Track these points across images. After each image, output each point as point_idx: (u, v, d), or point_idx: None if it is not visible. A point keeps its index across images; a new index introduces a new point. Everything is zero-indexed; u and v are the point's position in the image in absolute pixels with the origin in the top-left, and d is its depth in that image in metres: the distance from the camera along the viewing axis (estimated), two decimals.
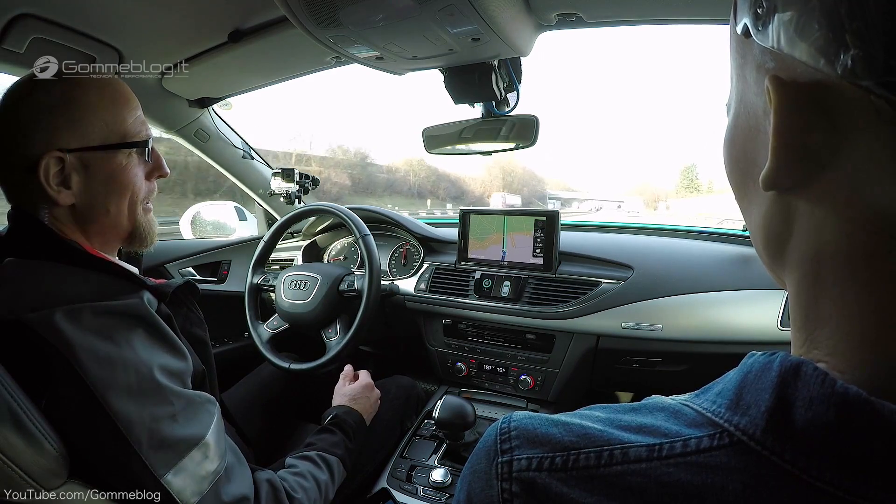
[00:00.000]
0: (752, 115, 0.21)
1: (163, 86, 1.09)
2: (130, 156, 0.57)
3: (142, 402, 0.48)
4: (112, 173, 0.56)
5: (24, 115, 0.52)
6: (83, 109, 0.54)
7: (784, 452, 0.17)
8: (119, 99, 0.57)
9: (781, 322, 0.88)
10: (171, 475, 0.48)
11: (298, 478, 0.67)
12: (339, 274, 1.12)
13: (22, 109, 0.52)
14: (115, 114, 0.56)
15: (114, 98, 0.56)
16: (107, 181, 0.56)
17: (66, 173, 0.53)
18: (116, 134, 0.56)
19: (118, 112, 0.56)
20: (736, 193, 0.24)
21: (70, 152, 0.53)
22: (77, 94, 0.54)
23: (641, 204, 76.53)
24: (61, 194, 0.53)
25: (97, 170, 0.55)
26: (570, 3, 0.72)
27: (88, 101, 0.54)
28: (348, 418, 0.85)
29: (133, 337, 0.50)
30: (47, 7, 0.74)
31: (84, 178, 0.54)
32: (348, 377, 1.00)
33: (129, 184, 0.58)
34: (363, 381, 0.98)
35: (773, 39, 0.18)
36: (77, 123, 0.53)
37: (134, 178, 0.58)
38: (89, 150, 0.54)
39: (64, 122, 0.53)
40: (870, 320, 0.17)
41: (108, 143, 0.55)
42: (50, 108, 0.53)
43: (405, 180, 62.33)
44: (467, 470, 0.25)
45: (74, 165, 0.53)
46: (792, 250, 0.21)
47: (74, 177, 0.54)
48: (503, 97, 0.91)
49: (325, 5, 0.63)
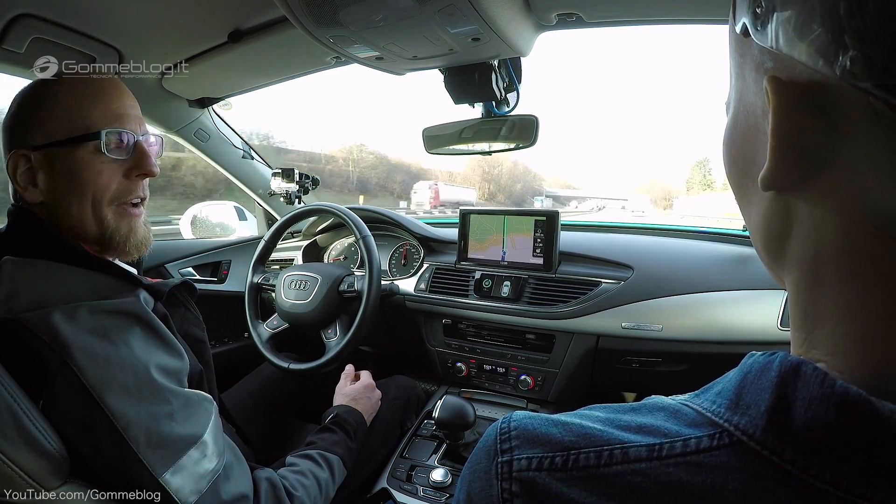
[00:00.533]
0: (751, 114, 0.21)
1: (163, 86, 1.09)
2: (96, 151, 0.54)
3: (139, 402, 0.48)
4: (72, 170, 0.54)
5: (7, 116, 0.54)
6: (49, 106, 0.54)
7: (784, 452, 0.17)
8: (88, 92, 0.55)
9: (781, 322, 0.88)
10: (169, 474, 0.48)
11: (299, 476, 0.67)
12: (339, 274, 1.12)
13: (9, 111, 0.54)
14: (79, 107, 0.54)
15: (83, 92, 0.55)
16: (67, 178, 0.54)
17: (34, 171, 0.54)
18: (79, 128, 0.54)
19: (84, 105, 0.54)
20: (735, 193, 0.24)
21: (35, 150, 0.54)
22: (48, 93, 0.54)
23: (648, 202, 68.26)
24: (27, 191, 0.54)
25: (59, 167, 0.54)
26: (570, 3, 0.72)
27: (55, 98, 0.54)
28: (349, 417, 0.85)
29: (130, 336, 0.50)
30: (47, 7, 0.74)
31: (49, 175, 0.54)
32: (349, 377, 1.00)
33: (90, 181, 0.54)
34: (364, 381, 0.98)
35: (772, 39, 0.17)
36: (43, 121, 0.54)
37: (96, 176, 0.55)
38: (50, 146, 0.54)
39: (30, 119, 0.54)
40: (869, 320, 0.17)
41: (69, 136, 0.54)
42: (21, 107, 0.54)
43: (342, 172, 51.63)
44: (467, 470, 0.25)
45: (41, 163, 0.54)
46: (791, 250, 0.21)
47: (40, 174, 0.54)
48: (503, 97, 0.91)
49: (325, 5, 0.63)
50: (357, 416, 0.88)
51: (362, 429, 0.87)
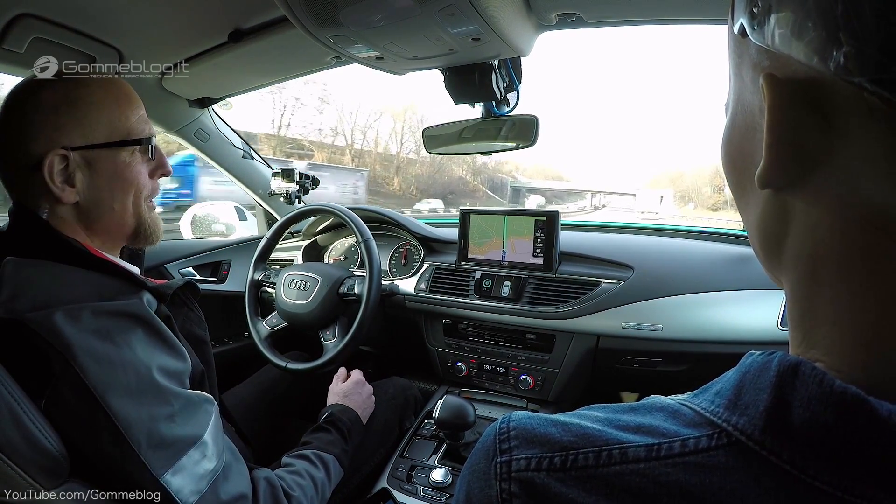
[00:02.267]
0: (749, 113, 0.21)
1: (163, 86, 1.09)
2: (134, 154, 0.58)
3: (140, 403, 0.48)
4: (116, 170, 0.57)
5: (29, 114, 0.53)
6: (87, 108, 0.54)
7: (782, 452, 0.17)
8: (122, 98, 0.58)
9: (781, 322, 0.88)
10: (169, 474, 0.48)
11: (295, 476, 0.67)
12: (339, 276, 1.12)
13: (27, 108, 0.53)
14: (118, 112, 0.56)
15: (117, 97, 0.57)
16: (111, 178, 0.56)
17: (70, 171, 0.54)
18: (120, 132, 0.56)
19: (122, 110, 0.57)
20: (734, 193, 0.24)
21: (74, 150, 0.53)
22: (81, 93, 0.54)
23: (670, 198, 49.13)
24: (65, 192, 0.54)
25: (101, 167, 0.55)
26: (570, 3, 0.72)
27: (92, 100, 0.55)
28: (343, 416, 0.85)
29: (132, 337, 0.50)
30: (47, 7, 0.74)
31: (88, 175, 0.55)
32: (341, 377, 1.01)
33: (134, 181, 0.58)
34: (354, 378, 0.99)
35: (769, 38, 0.18)
36: (81, 121, 0.54)
37: (138, 176, 0.59)
38: (93, 147, 0.55)
39: (68, 120, 0.53)
40: (866, 319, 0.17)
41: (111, 140, 0.56)
42: (54, 106, 0.53)
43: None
44: (466, 470, 0.25)
45: (78, 163, 0.54)
46: (788, 249, 0.21)
47: (78, 174, 0.54)
48: (503, 97, 0.91)
49: (325, 5, 0.63)
50: (351, 414, 0.88)
51: (357, 426, 0.87)
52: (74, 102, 0.54)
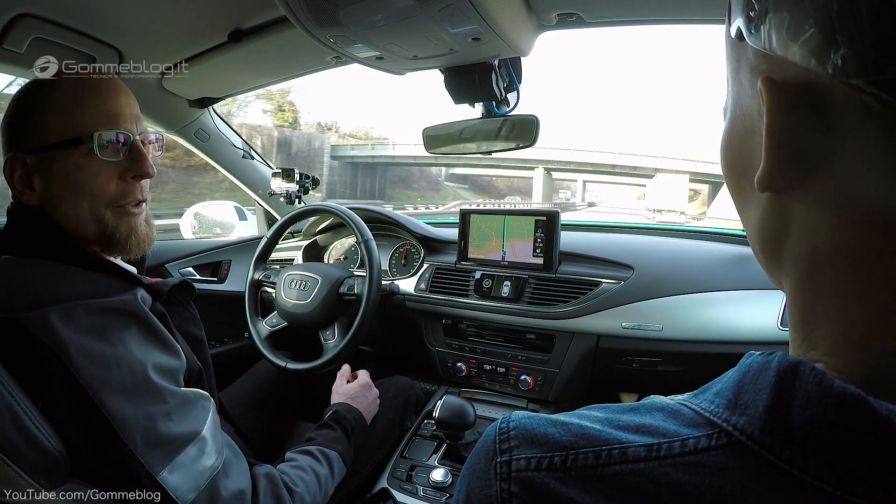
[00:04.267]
0: (748, 117, 0.21)
1: (163, 86, 1.09)
2: (89, 154, 0.53)
3: (136, 401, 0.48)
4: (66, 173, 0.53)
5: (4, 118, 0.54)
6: (42, 109, 0.54)
7: (782, 452, 0.17)
8: (81, 93, 0.54)
9: (781, 322, 0.88)
10: (166, 472, 0.48)
11: (298, 471, 0.67)
12: (339, 276, 1.12)
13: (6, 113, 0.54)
14: (73, 110, 0.53)
15: (76, 94, 0.54)
16: (63, 181, 0.54)
17: (30, 174, 0.54)
18: (71, 131, 0.53)
19: (77, 108, 0.53)
20: (733, 197, 0.24)
21: (30, 153, 0.54)
22: (41, 95, 0.54)
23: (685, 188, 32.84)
24: (24, 195, 0.54)
25: (55, 170, 0.54)
26: (571, 3, 0.72)
27: (50, 100, 0.54)
28: (348, 415, 0.85)
29: (126, 335, 0.50)
30: (47, 7, 0.74)
31: (44, 179, 0.54)
32: (345, 376, 1.00)
33: (85, 185, 0.54)
34: (361, 380, 0.98)
35: (766, 41, 0.18)
36: (37, 124, 0.54)
37: (91, 178, 0.54)
38: (44, 149, 0.53)
39: (26, 123, 0.54)
40: (867, 319, 0.17)
41: (63, 139, 0.53)
42: (18, 110, 0.54)
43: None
44: (466, 470, 0.25)
45: (36, 166, 0.54)
46: (788, 251, 0.21)
47: (36, 178, 0.54)
48: (503, 97, 0.91)
49: (325, 5, 0.63)
50: (356, 413, 0.88)
51: (361, 427, 0.87)
52: (34, 104, 0.54)
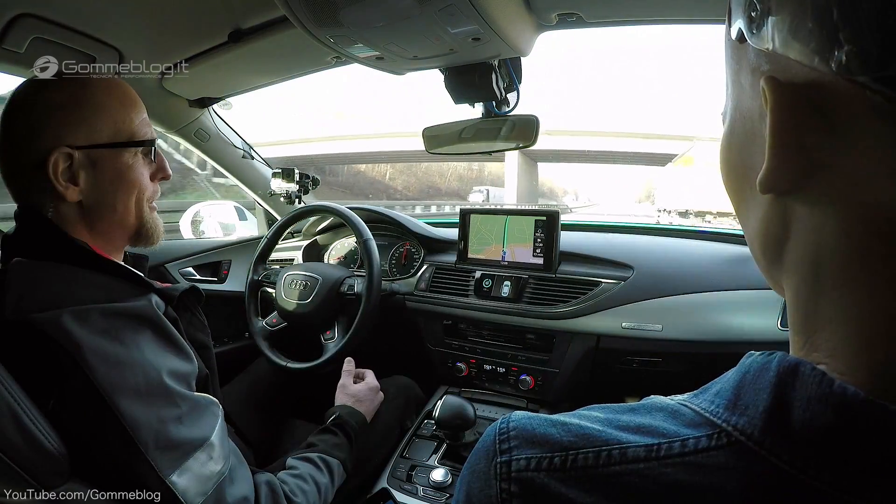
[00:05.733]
0: (749, 119, 0.21)
1: (163, 86, 1.09)
2: (136, 155, 0.59)
3: (149, 404, 0.48)
4: (119, 171, 0.57)
5: (34, 113, 0.53)
6: (92, 108, 0.55)
7: (782, 452, 0.17)
8: (126, 100, 0.59)
9: (781, 322, 0.88)
10: (175, 475, 0.48)
11: (299, 480, 0.67)
12: (339, 276, 1.12)
13: (32, 107, 0.54)
14: (123, 114, 0.57)
15: (122, 99, 0.58)
16: (114, 178, 0.57)
17: (74, 170, 0.54)
18: (124, 133, 0.57)
19: (126, 112, 0.58)
20: (733, 200, 0.24)
21: (79, 149, 0.54)
22: (87, 94, 0.55)
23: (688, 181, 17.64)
24: (69, 190, 0.54)
25: (105, 167, 0.56)
26: (570, 3, 0.72)
27: (97, 101, 0.56)
28: (351, 420, 0.85)
29: (141, 339, 0.50)
30: (47, 7, 0.74)
31: (92, 174, 0.55)
32: (352, 374, 1.00)
33: (136, 182, 0.59)
34: (370, 383, 0.98)
35: (768, 41, 0.18)
36: (86, 121, 0.54)
37: (140, 177, 0.59)
38: (97, 147, 0.55)
39: (73, 119, 0.54)
40: (869, 322, 0.17)
41: (115, 141, 0.56)
42: (60, 105, 0.54)
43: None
44: (466, 470, 0.25)
45: (83, 162, 0.54)
46: (790, 254, 0.21)
47: (82, 173, 0.55)
48: (503, 97, 0.91)
49: (325, 5, 0.63)
50: (360, 418, 0.87)
51: (364, 431, 0.87)
52: (80, 102, 0.54)
